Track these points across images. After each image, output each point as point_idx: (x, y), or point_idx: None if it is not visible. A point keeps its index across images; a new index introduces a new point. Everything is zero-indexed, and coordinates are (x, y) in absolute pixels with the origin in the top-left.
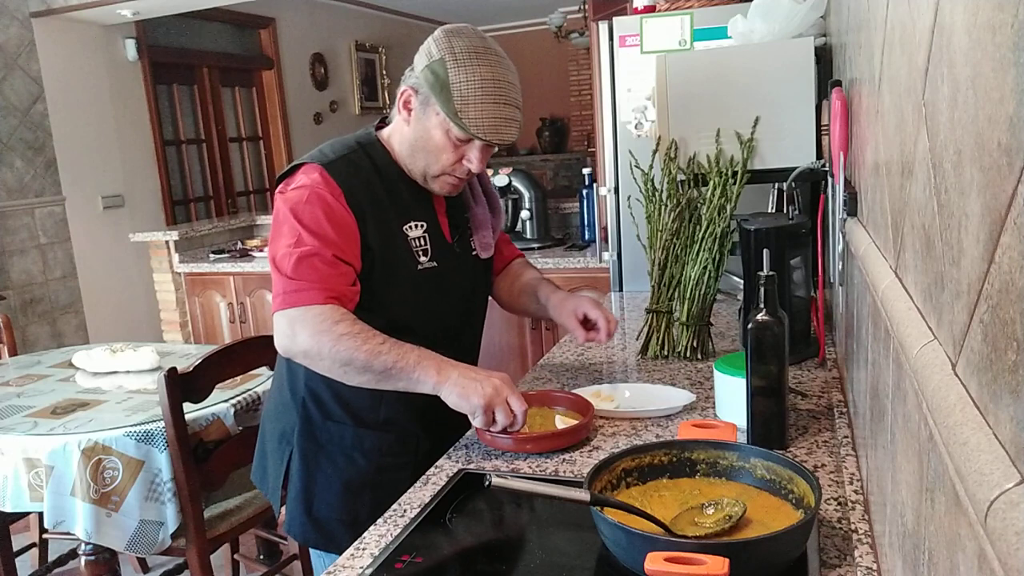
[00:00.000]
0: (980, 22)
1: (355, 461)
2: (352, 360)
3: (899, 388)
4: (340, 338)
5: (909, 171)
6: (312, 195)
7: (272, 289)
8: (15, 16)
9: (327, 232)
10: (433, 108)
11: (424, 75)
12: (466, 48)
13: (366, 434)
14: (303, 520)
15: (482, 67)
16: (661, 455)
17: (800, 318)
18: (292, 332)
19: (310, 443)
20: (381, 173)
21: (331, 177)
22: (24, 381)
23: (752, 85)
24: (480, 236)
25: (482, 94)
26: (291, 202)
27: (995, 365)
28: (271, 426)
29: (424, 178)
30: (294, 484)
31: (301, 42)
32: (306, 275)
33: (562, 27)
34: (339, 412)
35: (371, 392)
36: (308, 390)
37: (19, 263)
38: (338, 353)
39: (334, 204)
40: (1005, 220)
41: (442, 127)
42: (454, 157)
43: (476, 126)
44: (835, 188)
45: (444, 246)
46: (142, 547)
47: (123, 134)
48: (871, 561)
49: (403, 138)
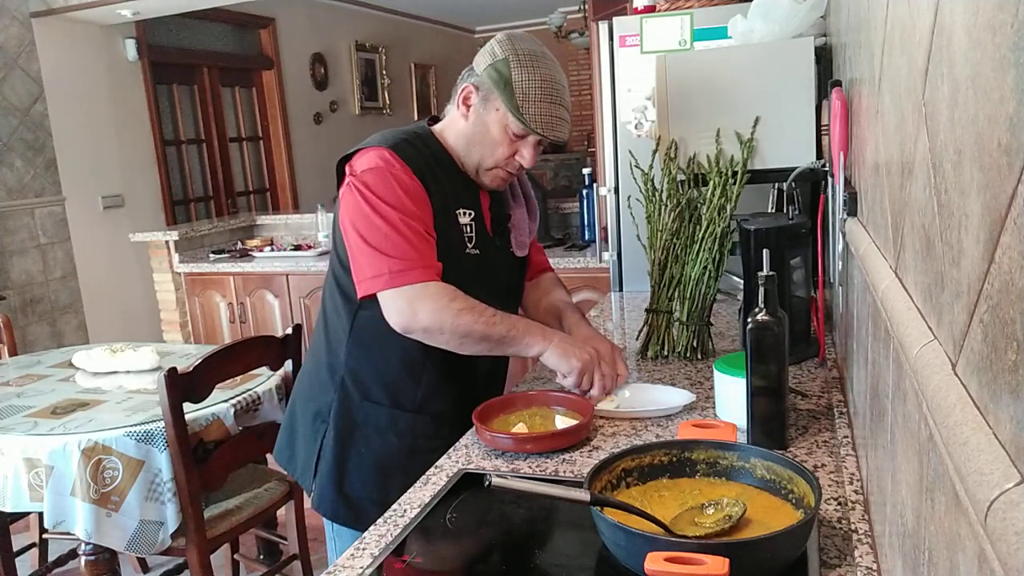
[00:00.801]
0: (980, 22)
1: (388, 441)
2: (471, 332)
3: (899, 388)
4: (459, 313)
5: (909, 171)
6: (387, 174)
7: (364, 269)
8: (15, 16)
9: (410, 207)
10: (494, 104)
11: (488, 73)
12: (527, 51)
13: (401, 415)
14: (334, 497)
15: (542, 69)
16: (661, 455)
17: (800, 318)
18: (412, 310)
19: (346, 421)
20: (437, 160)
21: (399, 156)
22: (24, 381)
23: (752, 85)
24: (517, 234)
25: (541, 93)
26: (368, 183)
27: (995, 365)
28: (304, 406)
29: (476, 171)
30: (326, 461)
31: (301, 42)
32: (406, 252)
33: (562, 27)
34: (378, 392)
35: (411, 374)
36: (349, 370)
37: (19, 263)
38: (459, 327)
39: (409, 180)
40: (1005, 220)
41: (501, 122)
42: (508, 151)
43: (535, 122)
44: (835, 188)
45: (486, 237)
46: (142, 547)
47: (123, 134)
48: (871, 561)
49: (459, 132)
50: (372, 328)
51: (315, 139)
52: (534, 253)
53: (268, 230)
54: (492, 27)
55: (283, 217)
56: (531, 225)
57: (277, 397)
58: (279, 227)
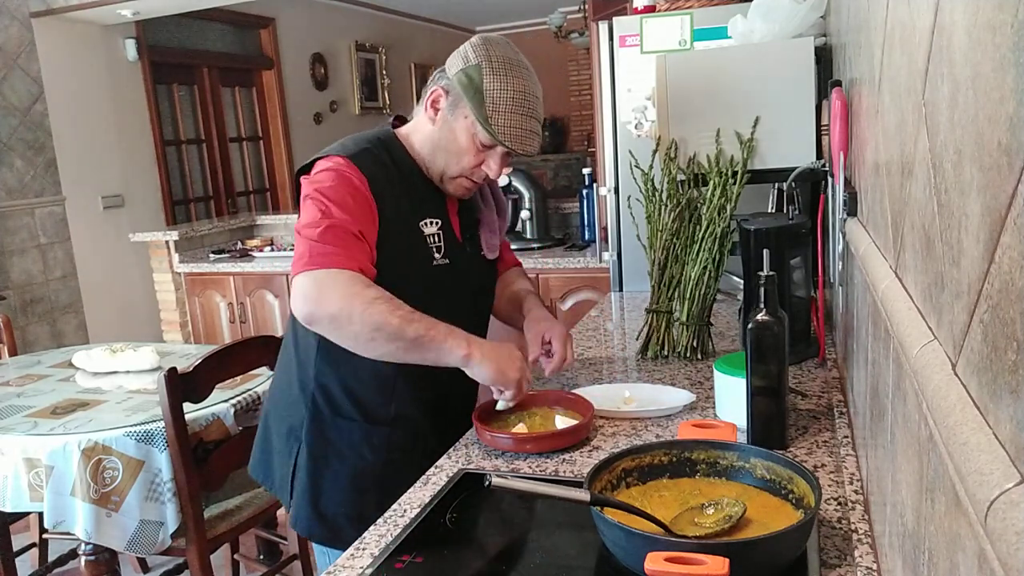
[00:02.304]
0: (980, 22)
1: (363, 457)
2: (383, 325)
3: (899, 388)
4: (373, 302)
5: (909, 171)
6: (339, 176)
7: (295, 257)
8: (15, 16)
9: (353, 209)
10: (462, 110)
11: (458, 78)
12: (502, 58)
13: (375, 430)
14: (309, 515)
15: (515, 79)
16: (661, 455)
17: (800, 318)
18: (319, 294)
19: (318, 438)
20: (400, 169)
21: (355, 165)
22: (24, 381)
23: (752, 85)
24: (487, 237)
25: (512, 104)
26: (317, 182)
27: (995, 365)
28: (277, 422)
29: (441, 178)
30: (301, 479)
31: (301, 42)
32: (333, 241)
33: (562, 27)
34: (349, 407)
35: (382, 388)
36: (318, 385)
37: (19, 263)
38: (370, 317)
39: (359, 187)
40: (1005, 220)
41: (468, 130)
42: (474, 161)
43: (503, 133)
44: (835, 188)
45: (456, 245)
46: (142, 547)
47: (123, 134)
48: (871, 561)
49: (425, 137)
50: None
51: (315, 139)
52: (503, 252)
53: (268, 230)
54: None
55: (283, 217)
56: (501, 224)
57: None
58: (279, 227)
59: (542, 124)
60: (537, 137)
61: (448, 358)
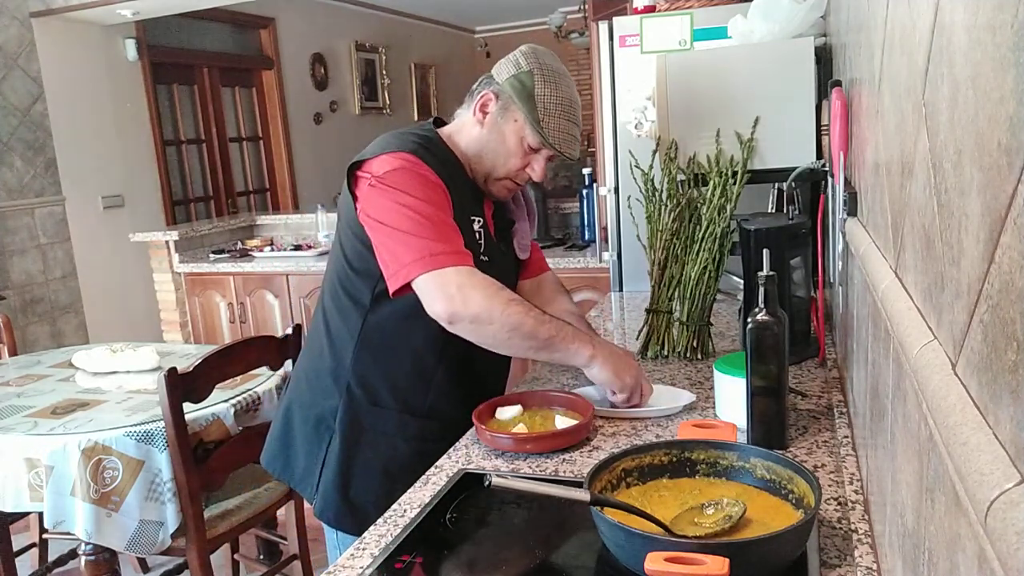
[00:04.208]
0: (980, 22)
1: (396, 447)
2: (520, 326)
3: (899, 388)
4: (509, 303)
5: (909, 171)
6: (412, 172)
7: (396, 258)
8: (15, 16)
9: (439, 200)
10: (513, 114)
11: (510, 83)
12: (552, 67)
13: (410, 420)
14: (338, 504)
15: (563, 87)
16: (661, 455)
17: (800, 318)
18: (463, 296)
19: (353, 427)
20: (448, 166)
21: (418, 158)
22: (24, 381)
23: (752, 85)
24: (519, 239)
25: (561, 110)
26: (395, 181)
27: (995, 365)
28: (303, 412)
29: (485, 180)
30: (331, 468)
31: (301, 42)
32: (443, 236)
33: (562, 27)
34: (387, 397)
35: (422, 378)
36: (355, 374)
37: (19, 263)
38: (508, 318)
39: (434, 179)
40: (1005, 220)
41: (518, 133)
42: (521, 163)
43: (553, 136)
44: (835, 188)
45: (492, 244)
46: (142, 547)
47: (123, 134)
48: (871, 561)
49: (473, 139)
50: (382, 332)
51: (315, 139)
52: (532, 252)
53: (268, 230)
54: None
55: (283, 217)
56: (531, 225)
57: (277, 397)
58: (279, 227)
59: (581, 132)
60: (578, 143)
61: (574, 359)
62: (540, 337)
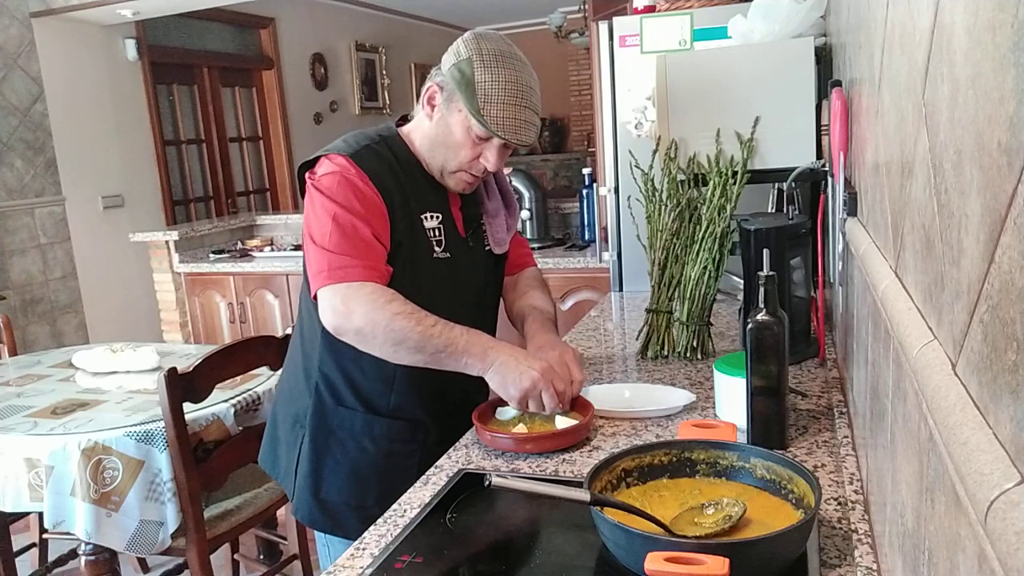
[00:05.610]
0: (980, 22)
1: (364, 447)
2: (405, 340)
3: (899, 388)
4: (394, 317)
5: (909, 171)
6: (343, 179)
7: (311, 266)
8: (15, 16)
9: (360, 210)
10: (456, 105)
11: (451, 73)
12: (492, 51)
13: (376, 421)
14: (311, 503)
15: (506, 70)
16: (661, 455)
17: (800, 318)
18: (347, 309)
19: (321, 427)
20: (401, 165)
21: (357, 164)
22: (24, 381)
23: (752, 85)
24: (493, 231)
25: (504, 95)
26: (324, 186)
27: (995, 365)
28: (284, 410)
29: (441, 173)
30: (303, 467)
31: (301, 42)
32: (349, 251)
33: (562, 27)
34: (350, 398)
35: (382, 379)
36: (322, 375)
37: (19, 263)
38: (392, 332)
39: (364, 187)
40: (1005, 220)
41: (463, 124)
42: (472, 154)
43: (496, 124)
44: (835, 188)
45: (457, 239)
46: (142, 547)
47: (123, 134)
48: (871, 561)
49: (424, 134)
50: None
51: (315, 139)
52: (515, 247)
53: (268, 230)
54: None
55: (283, 217)
56: (510, 220)
57: None
58: (279, 227)
59: (539, 114)
60: (533, 127)
61: (469, 371)
62: (427, 351)
